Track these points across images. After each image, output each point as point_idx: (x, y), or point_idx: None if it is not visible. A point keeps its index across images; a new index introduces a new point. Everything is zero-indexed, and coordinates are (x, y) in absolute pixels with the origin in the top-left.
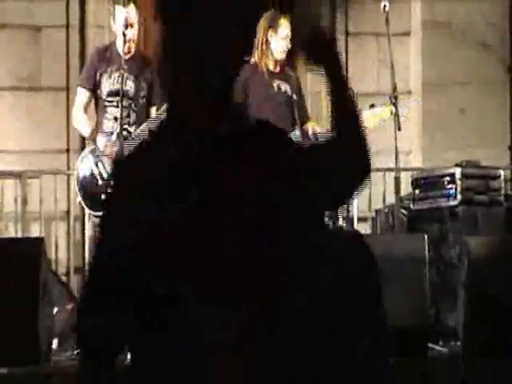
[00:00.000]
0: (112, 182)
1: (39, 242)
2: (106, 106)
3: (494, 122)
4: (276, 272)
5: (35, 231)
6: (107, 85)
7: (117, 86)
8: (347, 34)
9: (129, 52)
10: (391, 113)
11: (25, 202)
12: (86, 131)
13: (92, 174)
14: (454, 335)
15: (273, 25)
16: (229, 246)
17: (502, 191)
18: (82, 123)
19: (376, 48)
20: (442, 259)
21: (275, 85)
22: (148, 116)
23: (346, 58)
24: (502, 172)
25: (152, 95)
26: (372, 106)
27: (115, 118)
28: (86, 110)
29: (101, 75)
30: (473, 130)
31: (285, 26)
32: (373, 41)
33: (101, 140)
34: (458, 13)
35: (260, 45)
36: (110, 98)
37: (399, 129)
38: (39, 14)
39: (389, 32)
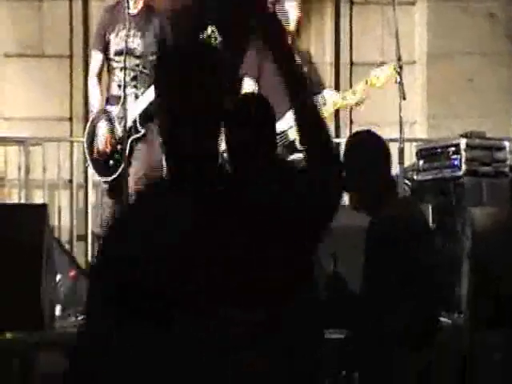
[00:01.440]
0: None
1: (43, 209)
2: (114, 68)
3: (500, 93)
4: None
5: (38, 199)
6: (114, 44)
7: (123, 45)
8: (352, 3)
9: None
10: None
11: (28, 169)
12: (93, 105)
13: (102, 137)
14: (457, 307)
15: None
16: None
17: (507, 162)
18: (92, 96)
19: (381, 18)
20: (446, 230)
21: None
22: None
23: (351, 28)
24: (507, 143)
25: None
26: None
27: (119, 86)
28: (99, 76)
29: (109, 35)
30: (478, 100)
31: None
32: (378, 10)
33: (102, 127)
34: None
35: None
36: (116, 58)
37: (404, 98)
38: None
39: (394, 1)
